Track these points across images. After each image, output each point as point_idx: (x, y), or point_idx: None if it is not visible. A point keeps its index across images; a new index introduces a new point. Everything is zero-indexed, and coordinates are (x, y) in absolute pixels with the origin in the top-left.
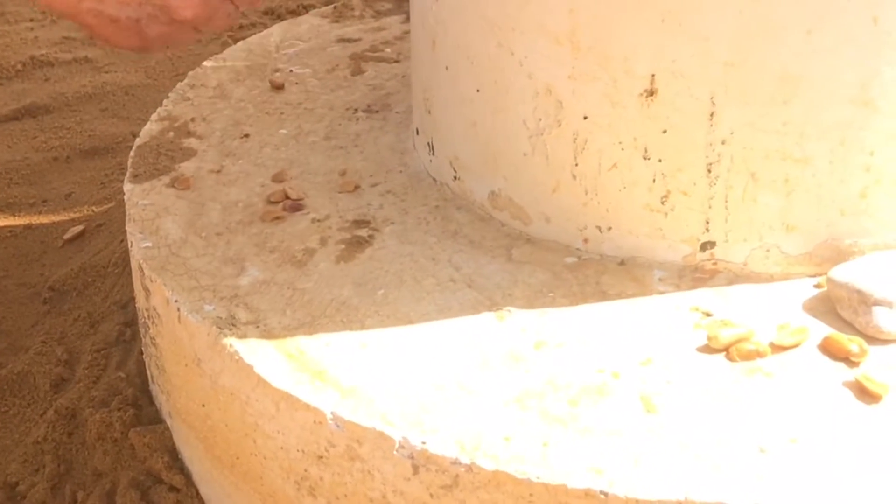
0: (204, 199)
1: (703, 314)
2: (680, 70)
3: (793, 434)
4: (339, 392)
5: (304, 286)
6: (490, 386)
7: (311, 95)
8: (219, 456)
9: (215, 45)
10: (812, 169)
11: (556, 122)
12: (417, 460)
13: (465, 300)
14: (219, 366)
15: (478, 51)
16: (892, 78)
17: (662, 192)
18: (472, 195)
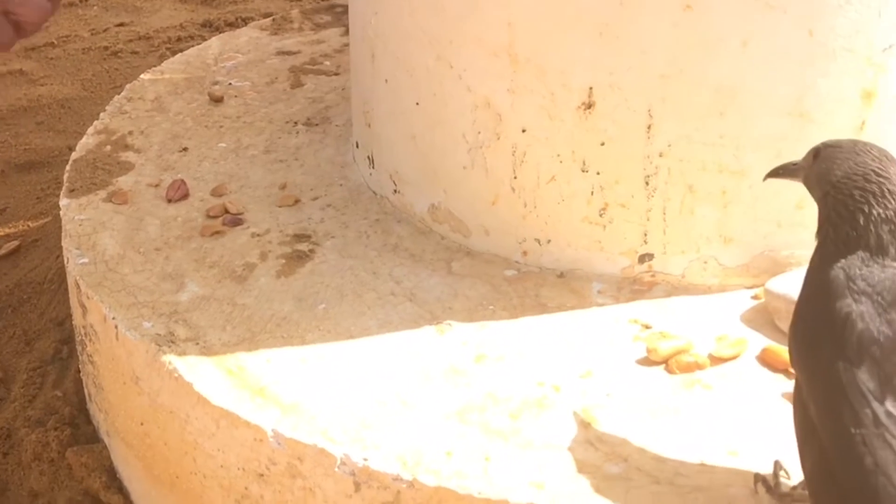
0: (142, 214)
1: (643, 326)
2: (617, 83)
3: (733, 447)
4: (279, 409)
5: (244, 301)
6: (431, 400)
7: (251, 108)
8: (158, 475)
9: (153, 58)
10: (749, 181)
11: (494, 135)
12: (359, 477)
13: (405, 314)
14: (157, 384)
15: (417, 64)
16: (826, 90)
17: (601, 204)
18: (412, 208)
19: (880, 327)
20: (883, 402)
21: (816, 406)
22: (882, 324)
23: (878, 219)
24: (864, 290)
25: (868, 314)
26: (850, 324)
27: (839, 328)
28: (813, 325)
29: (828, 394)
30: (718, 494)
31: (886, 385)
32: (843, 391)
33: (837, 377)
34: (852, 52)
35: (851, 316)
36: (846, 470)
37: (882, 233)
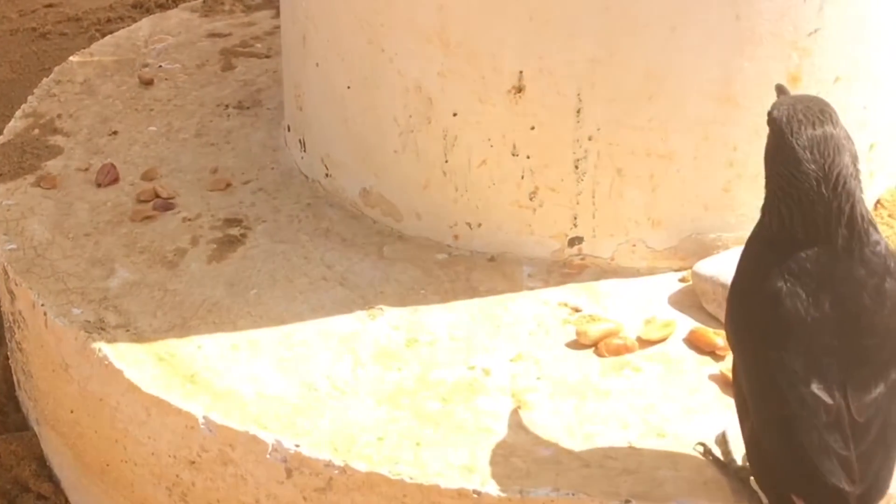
0: (71, 199)
1: (572, 310)
2: (547, 67)
3: (661, 429)
4: (211, 395)
5: (175, 287)
6: (363, 385)
7: (181, 91)
8: (88, 463)
9: (82, 40)
10: (677, 164)
11: (426, 119)
12: (291, 463)
13: (337, 299)
14: (87, 371)
15: (348, 47)
16: (754, 74)
17: (531, 188)
18: (343, 192)
19: (809, 308)
20: (808, 385)
21: (748, 385)
22: (811, 305)
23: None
24: (795, 272)
25: (796, 294)
26: (779, 304)
27: (768, 308)
28: (744, 304)
29: (756, 374)
30: (647, 476)
31: (812, 367)
32: (770, 372)
33: (765, 357)
34: (778, 37)
35: (780, 294)
36: (775, 450)
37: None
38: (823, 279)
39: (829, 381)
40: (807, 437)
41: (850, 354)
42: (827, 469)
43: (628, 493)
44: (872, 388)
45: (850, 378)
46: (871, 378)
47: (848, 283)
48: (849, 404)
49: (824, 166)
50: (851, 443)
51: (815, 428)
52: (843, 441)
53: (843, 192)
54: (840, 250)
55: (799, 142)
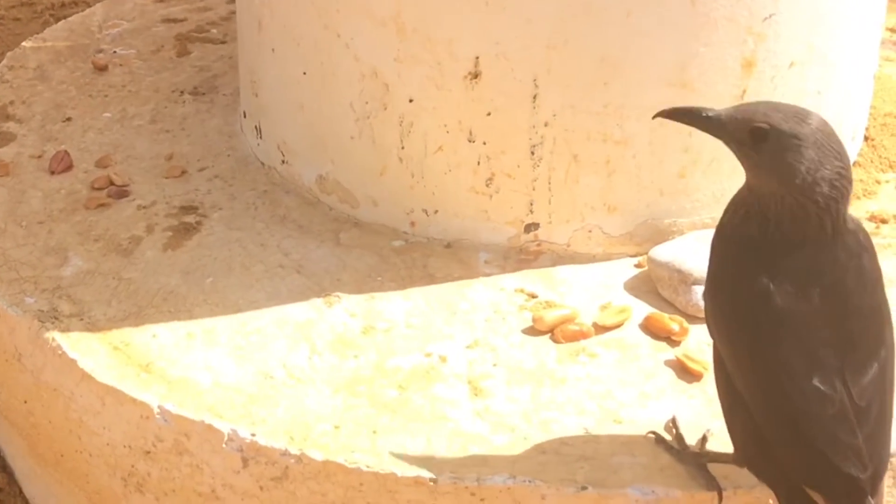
0: (24, 187)
1: (528, 296)
2: (504, 52)
3: (617, 415)
4: (166, 385)
5: (130, 275)
6: (319, 373)
7: (136, 77)
8: (42, 453)
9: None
10: (632, 150)
11: (382, 105)
12: (246, 453)
13: (294, 286)
14: (41, 361)
15: (304, 33)
16: (709, 60)
17: (487, 174)
18: (300, 179)
19: (799, 302)
20: (810, 379)
21: (743, 381)
22: (801, 299)
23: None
24: (781, 268)
25: (785, 290)
26: (769, 303)
27: (759, 308)
28: (731, 302)
29: (755, 372)
30: (603, 463)
31: (810, 361)
32: (770, 370)
33: (763, 356)
34: (733, 22)
35: (770, 291)
36: (784, 446)
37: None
38: (809, 271)
39: (828, 373)
40: (816, 432)
41: (843, 341)
42: (840, 460)
43: (585, 479)
44: (868, 370)
45: (847, 365)
46: (865, 360)
47: (832, 271)
48: (850, 391)
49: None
50: (857, 429)
51: (823, 421)
52: (851, 430)
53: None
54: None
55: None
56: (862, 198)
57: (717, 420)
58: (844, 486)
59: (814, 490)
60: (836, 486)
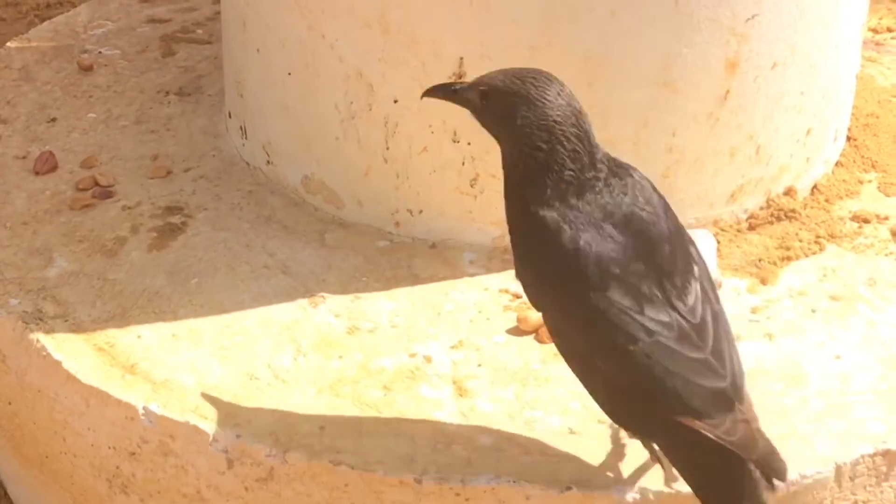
0: (8, 187)
1: (513, 296)
2: (488, 53)
3: (601, 414)
4: (151, 386)
5: (114, 276)
6: (304, 374)
7: (121, 78)
8: (27, 455)
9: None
10: (616, 150)
11: (367, 105)
12: (232, 454)
13: (279, 287)
14: (25, 362)
15: (289, 33)
16: (692, 60)
17: (472, 174)
18: (285, 180)
19: (607, 244)
20: (643, 313)
21: (587, 340)
22: (605, 240)
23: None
24: (577, 218)
25: (592, 238)
26: (581, 253)
27: (573, 261)
28: (546, 267)
29: (593, 325)
30: (588, 463)
31: (638, 296)
32: (606, 318)
33: (592, 306)
34: (716, 23)
35: (579, 244)
36: (641, 385)
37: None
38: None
39: (655, 302)
40: (667, 361)
41: (658, 269)
42: (697, 377)
43: (569, 479)
44: (689, 289)
45: (669, 290)
46: (684, 281)
47: (621, 207)
48: (681, 314)
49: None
50: (702, 345)
51: (668, 348)
52: (695, 347)
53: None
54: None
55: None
56: (844, 198)
57: None
58: (711, 400)
59: (685, 416)
60: (703, 404)
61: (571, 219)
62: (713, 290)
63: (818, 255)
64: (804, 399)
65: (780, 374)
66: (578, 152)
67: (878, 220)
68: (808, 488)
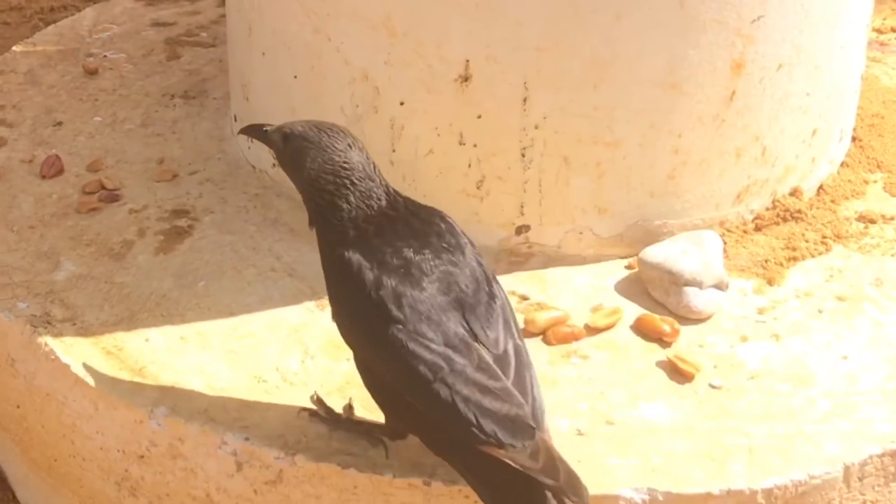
0: (15, 191)
1: (520, 297)
2: (494, 55)
3: (610, 416)
4: (159, 389)
5: (122, 280)
6: (312, 377)
7: (126, 81)
8: (35, 458)
9: (25, 29)
10: (623, 152)
11: (373, 108)
12: (241, 457)
13: (286, 289)
14: (34, 366)
15: (294, 36)
16: (697, 61)
17: (478, 176)
18: (291, 183)
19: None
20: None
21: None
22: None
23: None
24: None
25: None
26: (382, 290)
27: (375, 297)
28: (352, 304)
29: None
30: (596, 464)
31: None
32: (408, 350)
33: (397, 340)
34: (722, 24)
35: (381, 282)
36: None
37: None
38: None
39: (455, 334)
40: (466, 390)
41: (461, 303)
42: (497, 405)
43: None
44: (492, 320)
45: (472, 322)
46: (486, 312)
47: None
48: (484, 343)
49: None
50: (502, 374)
51: (467, 378)
52: (495, 376)
53: None
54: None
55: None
56: (850, 198)
57: (711, 420)
58: (511, 428)
59: (486, 445)
60: (503, 431)
61: (372, 258)
62: (516, 326)
63: (824, 256)
64: (811, 399)
65: (786, 374)
66: (369, 195)
67: (884, 220)
68: (816, 488)
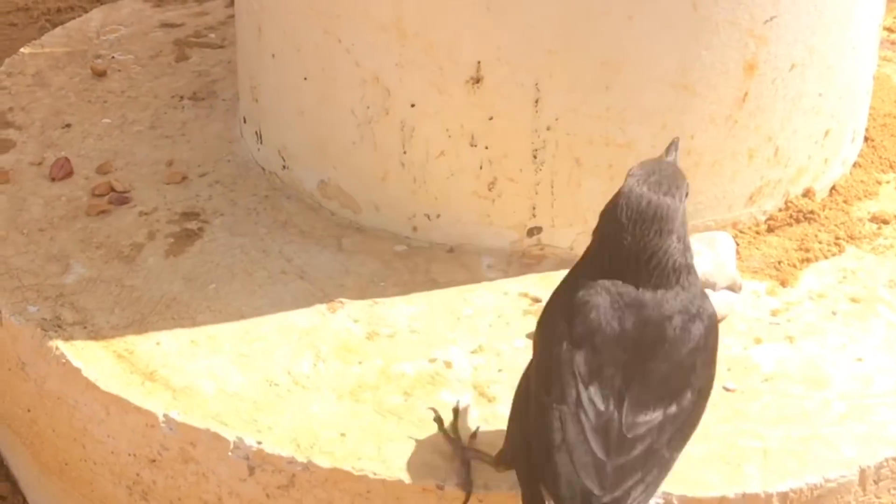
0: (25, 194)
1: (532, 300)
2: (505, 57)
3: None
4: (170, 393)
5: (132, 283)
6: (324, 380)
7: (135, 83)
8: (46, 462)
9: (32, 30)
10: (635, 153)
11: (383, 110)
12: (253, 461)
13: (297, 292)
14: (44, 369)
15: (304, 38)
16: (710, 62)
17: (490, 178)
18: (301, 184)
19: (611, 321)
20: (587, 387)
21: (536, 377)
22: (613, 318)
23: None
24: (609, 289)
25: (604, 307)
26: (584, 310)
27: (574, 312)
28: (554, 309)
29: (547, 368)
30: None
31: (596, 373)
32: (559, 368)
33: (558, 354)
34: (734, 25)
35: (588, 304)
36: (539, 440)
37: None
38: (633, 302)
39: (607, 390)
40: (572, 435)
41: (638, 373)
42: (583, 469)
43: None
44: (649, 412)
45: (631, 395)
46: (650, 401)
47: (655, 310)
48: (621, 417)
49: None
50: (613, 453)
51: (583, 428)
52: (604, 448)
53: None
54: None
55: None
56: (863, 199)
57: (725, 423)
58: (576, 498)
59: (548, 492)
60: (569, 495)
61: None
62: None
63: (838, 257)
64: (826, 402)
65: (801, 376)
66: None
67: None
68: (832, 492)
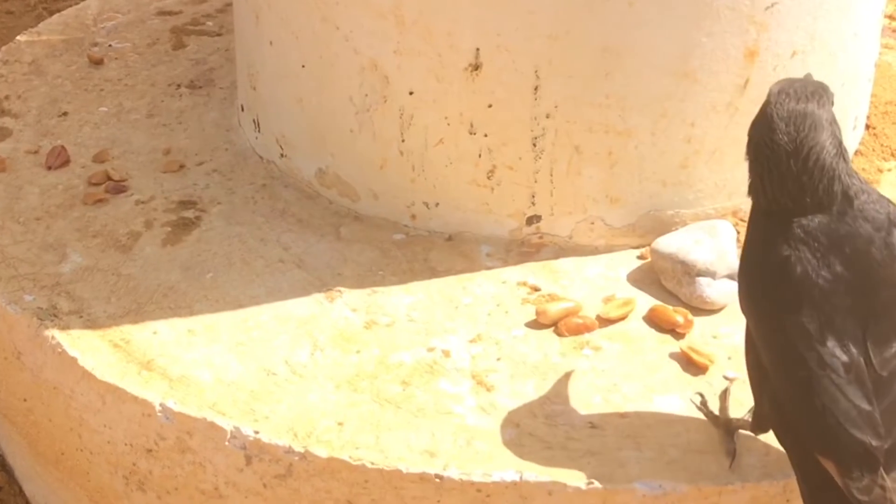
0: (21, 182)
1: (531, 289)
2: (505, 44)
3: (623, 408)
4: (167, 382)
5: (129, 272)
6: (322, 369)
7: (132, 71)
8: (43, 452)
9: (29, 18)
10: (635, 141)
11: (382, 97)
12: (250, 450)
13: (294, 281)
14: (41, 359)
15: (302, 25)
16: (711, 49)
17: (488, 166)
18: (299, 173)
19: (820, 271)
20: (825, 344)
21: (766, 351)
22: (821, 267)
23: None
24: (800, 237)
25: (805, 259)
26: (788, 269)
27: (778, 275)
28: (754, 274)
29: (774, 340)
30: (610, 457)
31: (827, 327)
32: (786, 336)
33: (781, 323)
34: (736, 11)
35: (790, 261)
36: (797, 412)
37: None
38: (830, 241)
39: (845, 340)
40: (828, 397)
41: (867, 311)
42: (852, 426)
43: (591, 474)
44: (893, 342)
45: (870, 334)
46: (890, 332)
47: (855, 241)
48: (870, 359)
49: (796, 139)
50: (874, 398)
51: (836, 386)
52: (866, 397)
53: (816, 167)
54: (835, 214)
55: (778, 113)
56: None
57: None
58: (857, 455)
59: (825, 457)
60: (848, 454)
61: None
62: None
63: None
64: None
65: None
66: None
67: None
68: None
